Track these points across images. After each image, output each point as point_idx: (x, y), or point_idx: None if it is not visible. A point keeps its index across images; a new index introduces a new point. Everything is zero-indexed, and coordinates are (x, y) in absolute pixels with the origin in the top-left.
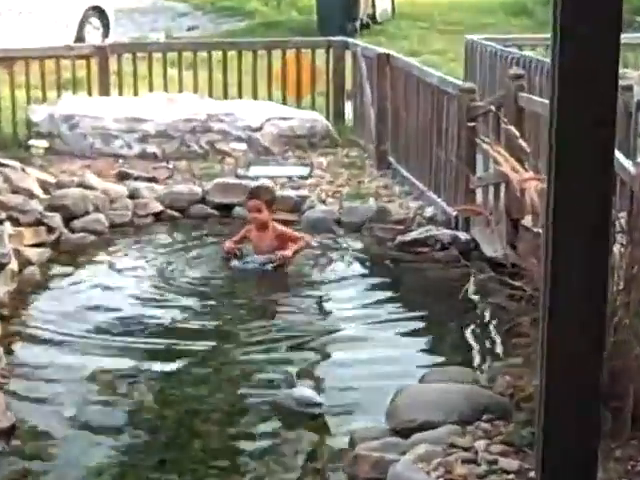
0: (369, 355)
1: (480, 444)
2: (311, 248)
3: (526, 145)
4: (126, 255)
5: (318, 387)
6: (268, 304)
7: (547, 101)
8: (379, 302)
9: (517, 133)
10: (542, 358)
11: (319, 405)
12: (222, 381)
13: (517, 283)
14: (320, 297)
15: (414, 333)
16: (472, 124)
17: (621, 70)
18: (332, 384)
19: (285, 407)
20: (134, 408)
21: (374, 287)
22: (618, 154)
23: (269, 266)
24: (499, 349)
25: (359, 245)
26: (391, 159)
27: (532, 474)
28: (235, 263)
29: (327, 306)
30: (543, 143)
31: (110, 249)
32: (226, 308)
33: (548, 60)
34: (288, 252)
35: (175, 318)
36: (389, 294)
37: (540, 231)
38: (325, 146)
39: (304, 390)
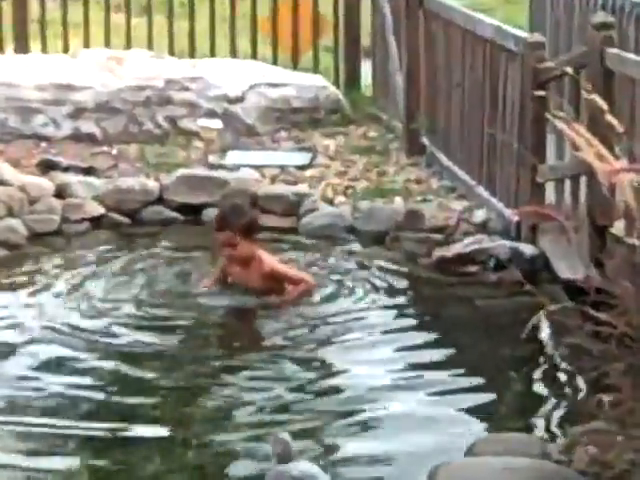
0: (398, 417)
1: None
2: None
3: (617, 122)
4: (49, 277)
5: (324, 460)
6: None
7: None
8: (410, 344)
9: (604, 105)
10: None
11: None
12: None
13: (604, 316)
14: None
15: (459, 388)
16: (541, 93)
17: None
18: (343, 456)
19: None
20: None
21: (402, 321)
22: None
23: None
24: (579, 409)
25: (381, 263)
26: (426, 142)
27: None
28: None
29: (336, 349)
30: None
31: (27, 268)
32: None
33: None
34: (290, 296)
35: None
36: (424, 331)
37: (636, 243)
38: (333, 124)
39: (305, 465)
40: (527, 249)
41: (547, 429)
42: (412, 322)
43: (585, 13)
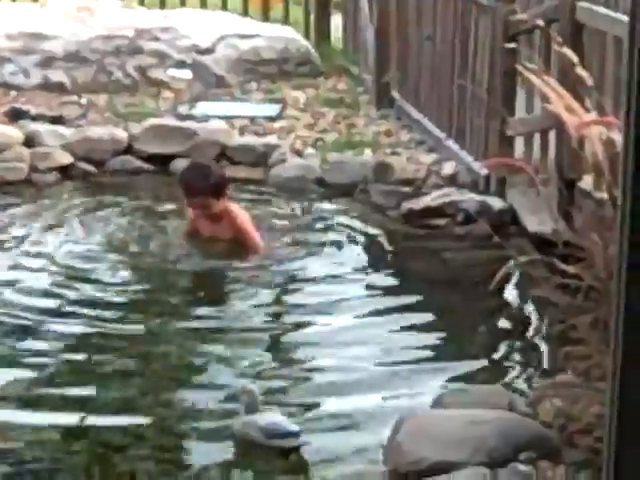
0: (362, 370)
1: None
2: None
3: (587, 75)
4: (17, 227)
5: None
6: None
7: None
8: (378, 298)
9: (575, 58)
10: (613, 375)
11: (295, 435)
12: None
13: (572, 269)
14: (296, 289)
15: (426, 340)
16: (512, 45)
17: None
18: (312, 411)
19: (247, 440)
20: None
21: (371, 275)
22: None
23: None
24: (545, 362)
25: (350, 215)
26: (396, 95)
27: None
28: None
29: (304, 301)
30: (611, 73)
31: None
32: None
33: None
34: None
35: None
36: (392, 286)
37: (605, 197)
38: (303, 75)
39: (273, 416)
40: (495, 202)
41: (513, 382)
42: (379, 276)
43: None
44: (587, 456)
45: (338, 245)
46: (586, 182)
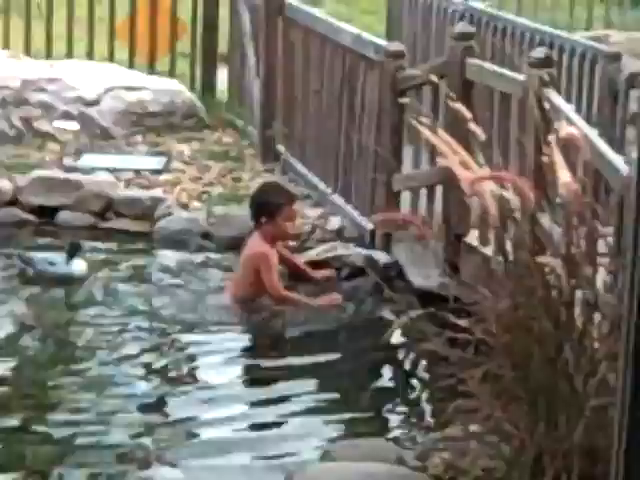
0: (252, 426)
1: None
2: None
3: (480, 130)
4: None
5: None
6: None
7: (506, 70)
8: (260, 358)
9: (468, 114)
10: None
11: None
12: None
13: (463, 323)
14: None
15: (314, 398)
16: (405, 100)
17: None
18: (201, 463)
19: None
20: None
21: (253, 332)
22: (605, 147)
23: None
24: (435, 415)
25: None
26: (281, 148)
27: None
28: None
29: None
30: (500, 128)
31: None
32: None
33: (505, 15)
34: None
35: None
36: (277, 340)
37: (490, 253)
38: (189, 128)
39: (168, 471)
40: (381, 257)
41: (403, 435)
42: (261, 328)
43: (443, 23)
44: None
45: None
46: (472, 237)
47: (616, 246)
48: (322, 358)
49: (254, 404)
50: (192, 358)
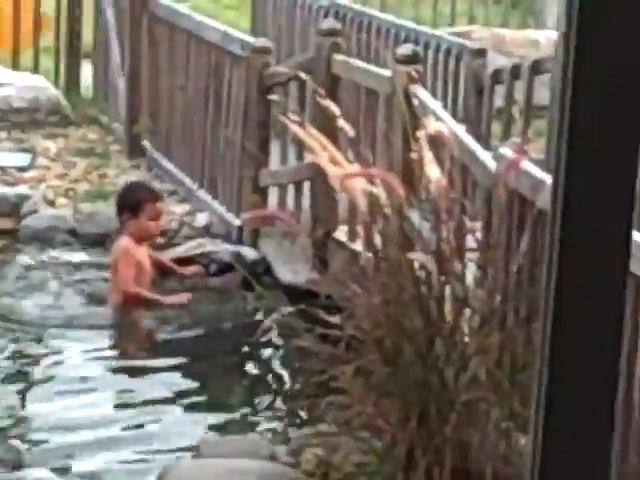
0: (122, 427)
1: None
2: None
3: (349, 127)
4: None
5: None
6: None
7: (372, 67)
8: (131, 354)
9: (336, 111)
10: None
11: None
12: None
13: (333, 319)
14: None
15: (184, 394)
16: (274, 97)
17: (468, 27)
18: (72, 463)
19: None
20: None
21: (122, 332)
22: (472, 142)
23: None
24: (306, 412)
25: (101, 267)
26: (147, 145)
27: None
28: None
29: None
30: (368, 124)
31: None
32: None
33: (370, 11)
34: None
35: None
36: (146, 340)
37: (359, 249)
38: (53, 125)
39: (40, 472)
40: (249, 253)
41: (275, 432)
42: (125, 327)
43: (307, 19)
44: None
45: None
46: (340, 233)
47: (484, 241)
48: (193, 357)
49: (124, 405)
50: (57, 358)
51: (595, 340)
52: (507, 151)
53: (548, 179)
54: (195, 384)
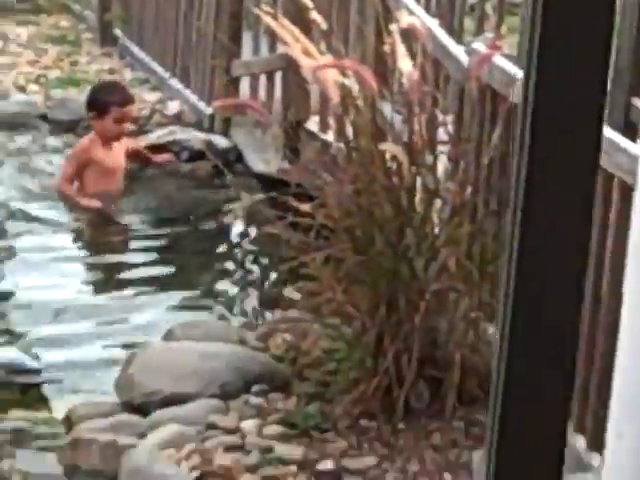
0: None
1: (249, 425)
2: None
3: (321, 19)
4: None
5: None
6: None
7: None
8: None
9: (309, 3)
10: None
11: (36, 372)
12: None
13: (304, 207)
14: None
15: (154, 278)
16: None
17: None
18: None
19: None
20: None
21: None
22: (445, 37)
23: None
24: (276, 298)
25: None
26: (119, 33)
27: (321, 465)
28: None
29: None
30: (340, 16)
31: None
32: None
33: None
34: None
35: None
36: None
37: (332, 140)
38: (25, 12)
39: (12, 351)
40: (220, 141)
41: (245, 316)
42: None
43: None
44: (316, 389)
45: None
46: (312, 123)
47: (456, 134)
48: (163, 242)
49: (96, 290)
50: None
51: (564, 231)
52: (480, 46)
53: (520, 74)
54: (165, 269)
